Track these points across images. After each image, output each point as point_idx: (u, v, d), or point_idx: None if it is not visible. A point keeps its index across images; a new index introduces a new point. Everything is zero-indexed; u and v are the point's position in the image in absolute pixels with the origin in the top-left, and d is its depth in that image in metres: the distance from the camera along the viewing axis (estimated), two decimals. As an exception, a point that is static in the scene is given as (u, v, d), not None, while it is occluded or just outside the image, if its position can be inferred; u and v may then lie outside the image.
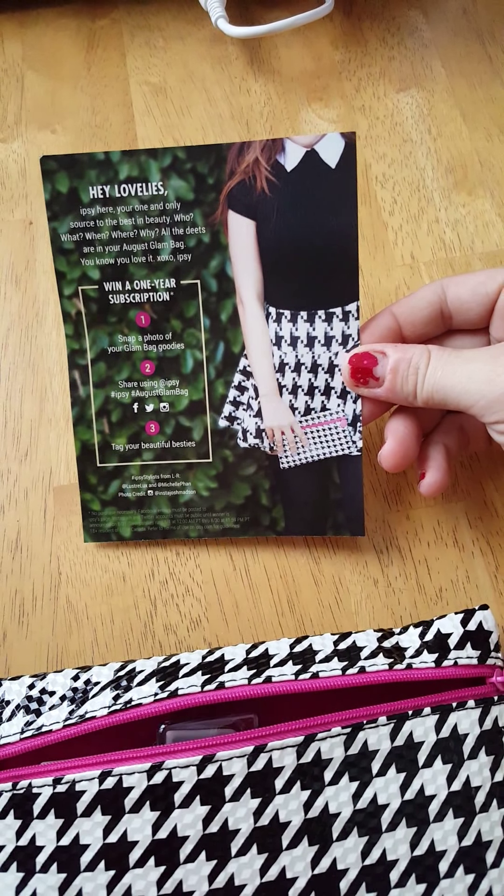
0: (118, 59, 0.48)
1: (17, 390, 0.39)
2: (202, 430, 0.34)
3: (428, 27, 0.49)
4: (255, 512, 0.34)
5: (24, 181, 0.44)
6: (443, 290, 0.32)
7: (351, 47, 0.48)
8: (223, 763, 0.26)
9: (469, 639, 0.29)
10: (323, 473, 0.33)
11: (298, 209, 0.31)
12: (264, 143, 0.31)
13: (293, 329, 0.32)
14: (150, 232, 0.32)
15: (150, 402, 0.34)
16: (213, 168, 0.31)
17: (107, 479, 0.34)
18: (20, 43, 0.49)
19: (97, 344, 0.33)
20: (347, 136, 0.30)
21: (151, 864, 0.25)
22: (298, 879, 0.25)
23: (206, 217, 0.31)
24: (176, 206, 0.31)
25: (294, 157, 0.31)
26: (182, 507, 0.34)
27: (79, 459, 0.34)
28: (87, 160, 0.31)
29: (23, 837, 0.26)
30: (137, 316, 0.33)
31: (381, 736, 0.27)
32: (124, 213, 0.31)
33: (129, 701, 0.27)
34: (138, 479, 0.34)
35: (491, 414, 0.28)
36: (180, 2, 0.50)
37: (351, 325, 0.32)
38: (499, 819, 0.26)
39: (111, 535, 0.35)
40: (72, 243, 0.32)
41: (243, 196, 0.31)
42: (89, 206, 0.31)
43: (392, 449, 0.31)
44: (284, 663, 0.28)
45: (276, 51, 0.48)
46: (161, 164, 0.31)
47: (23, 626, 0.34)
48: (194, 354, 0.33)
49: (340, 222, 0.31)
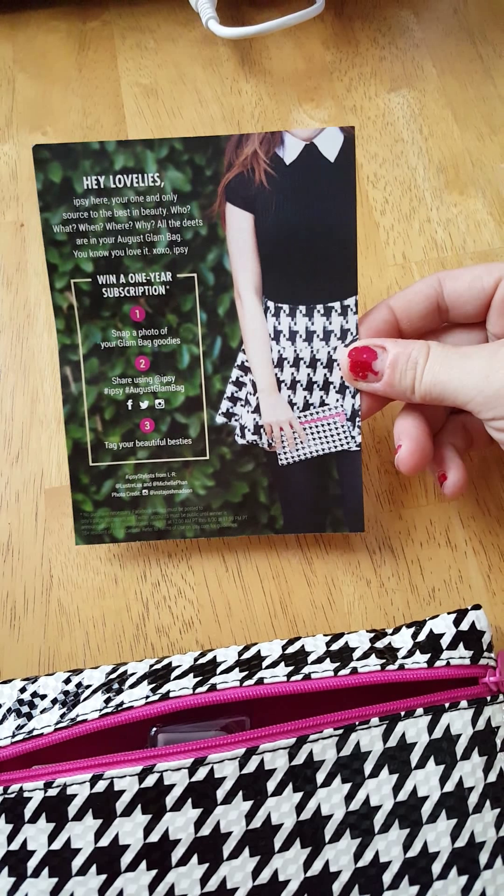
0: (109, 60, 0.48)
1: (8, 392, 0.38)
2: (199, 426, 0.33)
3: (419, 27, 0.49)
4: (252, 510, 0.34)
5: (15, 183, 0.44)
6: (439, 284, 0.31)
7: (342, 47, 0.48)
8: (215, 766, 0.26)
9: (462, 639, 0.29)
10: (322, 469, 0.33)
11: (297, 203, 0.31)
12: (263, 135, 0.30)
13: (292, 323, 0.32)
14: (146, 224, 0.31)
15: (145, 399, 0.33)
16: (210, 160, 0.31)
17: (99, 478, 0.34)
18: (11, 45, 0.48)
19: (90, 339, 0.32)
20: (346, 131, 0.30)
21: (143, 868, 0.25)
22: (291, 882, 0.25)
23: (204, 209, 0.31)
24: (172, 197, 0.31)
25: (293, 150, 0.30)
26: (178, 506, 0.34)
27: (70, 458, 0.33)
28: (81, 150, 0.30)
29: (14, 842, 0.25)
30: (132, 310, 0.32)
31: (374, 737, 0.27)
32: (119, 205, 0.31)
33: (121, 704, 0.27)
34: (132, 478, 0.34)
35: (488, 410, 0.28)
36: (171, 3, 0.50)
37: (349, 320, 0.32)
38: (492, 820, 0.26)
39: (104, 537, 0.34)
40: (64, 235, 0.31)
41: (241, 189, 0.31)
42: (83, 196, 0.31)
43: (410, 450, 0.30)
44: (276, 665, 0.28)
45: (268, 51, 0.48)
46: (158, 155, 0.30)
47: (14, 629, 0.34)
48: (191, 349, 0.33)
49: (339, 216, 0.31)
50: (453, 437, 0.33)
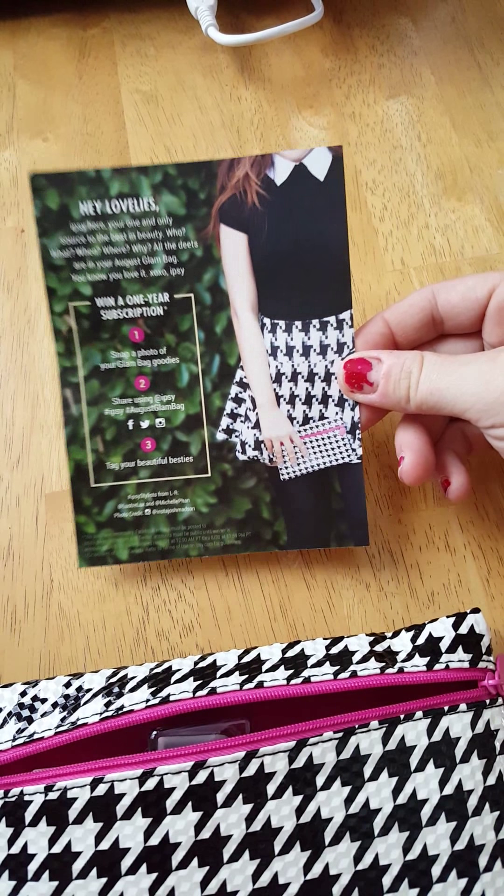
0: (109, 67, 0.48)
1: (8, 397, 0.39)
2: (200, 444, 0.33)
3: (417, 35, 0.49)
4: (256, 526, 0.34)
5: (15, 189, 0.44)
6: (433, 296, 0.32)
7: (341, 55, 0.48)
8: (215, 769, 0.26)
9: (461, 642, 0.29)
10: (324, 483, 0.33)
11: (289, 221, 0.31)
12: (253, 158, 0.31)
13: (288, 339, 0.32)
14: (143, 247, 0.32)
15: (146, 419, 0.33)
16: (203, 184, 0.31)
17: (102, 499, 0.33)
18: (12, 52, 0.49)
19: (89, 361, 0.33)
20: (335, 150, 0.31)
21: (143, 871, 0.25)
22: (291, 885, 0.25)
23: (199, 231, 0.31)
24: (168, 221, 0.31)
25: (283, 171, 0.31)
26: (181, 525, 0.34)
27: (72, 480, 0.33)
28: (77, 177, 0.31)
29: (15, 845, 0.25)
30: (130, 331, 0.33)
31: (373, 740, 0.27)
32: (116, 229, 0.31)
33: (121, 707, 0.27)
34: (135, 498, 0.33)
35: (487, 418, 0.28)
36: (171, 11, 0.50)
37: (345, 333, 0.32)
38: (491, 823, 0.26)
39: (107, 559, 0.34)
40: (62, 260, 0.32)
41: (235, 210, 0.31)
42: (80, 222, 0.31)
43: (413, 462, 0.30)
44: (276, 668, 0.28)
45: (267, 59, 0.48)
46: (152, 180, 0.31)
47: (15, 634, 0.34)
48: (189, 368, 0.33)
49: (331, 233, 0.31)
50: (453, 444, 0.33)
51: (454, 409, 0.29)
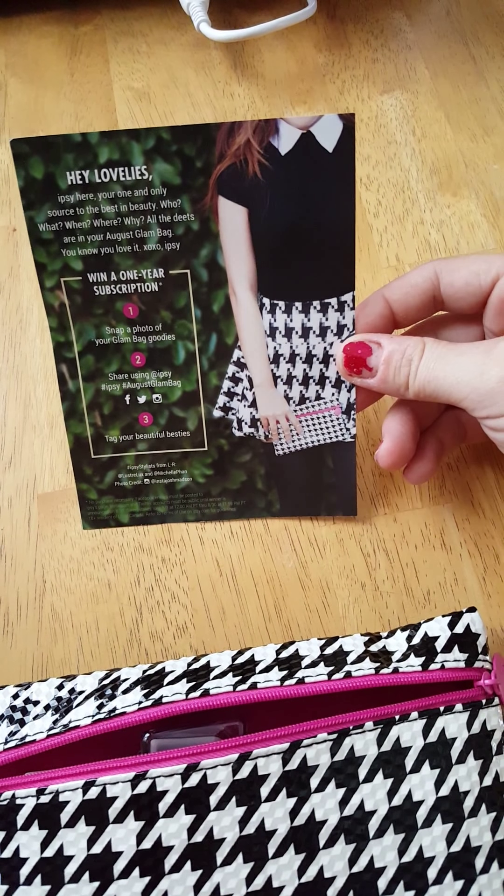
0: (101, 64, 0.48)
1: (0, 397, 0.38)
2: (196, 420, 0.34)
3: (411, 29, 0.49)
4: (250, 496, 0.35)
5: (7, 187, 0.44)
6: (436, 276, 0.31)
7: (334, 50, 0.48)
8: (208, 771, 0.26)
9: (456, 642, 0.29)
10: (317, 458, 0.34)
11: (293, 195, 0.29)
12: (256, 123, 0.28)
13: (287, 320, 0.32)
14: (135, 220, 0.30)
15: (143, 394, 0.33)
16: (200, 150, 0.29)
17: (102, 469, 0.34)
18: (3, 50, 0.48)
19: (84, 336, 0.32)
20: (346, 118, 0.28)
21: (136, 875, 0.25)
22: (285, 888, 0.25)
23: (195, 203, 0.30)
24: (162, 191, 0.29)
25: (289, 139, 0.29)
26: (179, 493, 0.35)
27: (73, 451, 0.34)
28: (62, 142, 0.29)
29: (6, 849, 0.25)
30: (125, 307, 0.32)
31: (368, 741, 0.26)
32: (106, 200, 0.30)
33: (114, 710, 0.27)
34: (134, 468, 0.34)
35: (482, 408, 0.28)
36: (163, 7, 0.50)
37: (346, 316, 0.31)
38: (488, 824, 0.26)
39: (109, 522, 0.35)
40: (51, 233, 0.30)
41: (234, 181, 0.29)
42: (67, 192, 0.29)
43: (388, 449, 0.31)
44: (270, 669, 0.28)
45: (260, 54, 0.48)
46: (144, 146, 0.29)
47: (7, 636, 0.34)
48: (186, 346, 0.32)
49: (337, 209, 0.29)
50: (445, 431, 0.33)
51: (451, 398, 0.29)
